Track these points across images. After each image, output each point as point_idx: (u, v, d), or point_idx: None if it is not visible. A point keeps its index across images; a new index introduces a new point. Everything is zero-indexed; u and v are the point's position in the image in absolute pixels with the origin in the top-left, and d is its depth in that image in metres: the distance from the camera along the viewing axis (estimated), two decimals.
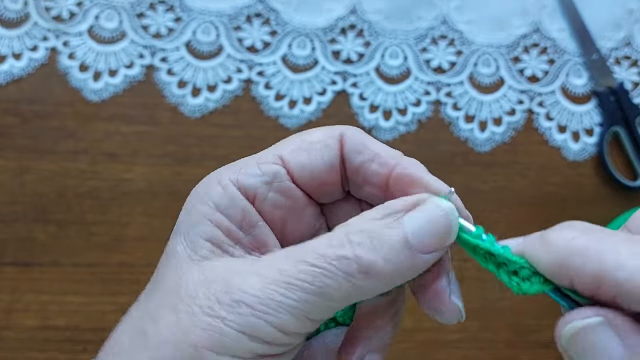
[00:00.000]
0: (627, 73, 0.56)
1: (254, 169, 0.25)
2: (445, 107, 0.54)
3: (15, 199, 0.50)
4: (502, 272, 0.24)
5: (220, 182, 0.25)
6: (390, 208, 0.23)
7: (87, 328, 0.49)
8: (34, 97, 0.51)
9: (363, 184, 0.26)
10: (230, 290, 0.22)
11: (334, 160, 0.25)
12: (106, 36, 0.53)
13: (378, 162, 0.25)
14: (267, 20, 0.54)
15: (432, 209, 0.23)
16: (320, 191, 0.26)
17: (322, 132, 0.26)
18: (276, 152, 0.25)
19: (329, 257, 0.22)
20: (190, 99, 0.52)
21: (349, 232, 0.23)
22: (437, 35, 0.55)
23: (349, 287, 0.22)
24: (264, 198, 0.25)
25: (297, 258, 0.22)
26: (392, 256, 0.22)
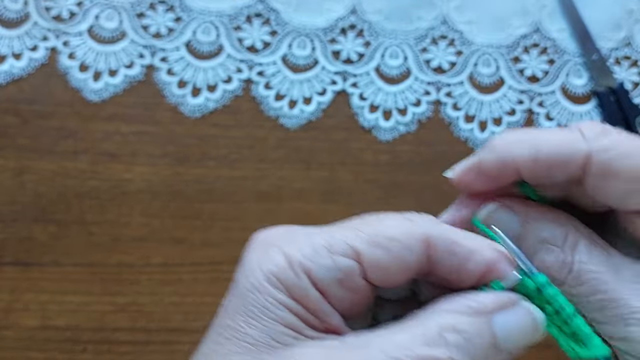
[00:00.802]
0: (627, 73, 0.56)
1: (327, 260, 0.23)
2: (445, 107, 0.54)
3: (15, 198, 0.50)
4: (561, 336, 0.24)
5: (292, 266, 0.23)
6: (480, 304, 0.23)
7: (87, 328, 0.49)
8: (33, 97, 0.51)
9: (454, 281, 0.25)
10: None
11: (413, 264, 0.24)
12: (106, 36, 0.53)
13: (475, 260, 0.24)
14: (267, 20, 0.54)
15: (524, 315, 0.23)
16: (387, 284, 0.24)
17: (402, 227, 0.24)
18: (350, 241, 0.23)
19: (427, 357, 0.22)
20: (191, 99, 0.52)
21: (442, 329, 0.22)
22: (437, 36, 0.55)
23: None
24: (334, 294, 0.24)
25: (394, 355, 0.22)
26: (480, 357, 0.22)
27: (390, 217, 0.25)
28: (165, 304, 0.49)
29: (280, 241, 0.24)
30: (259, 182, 0.52)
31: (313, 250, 0.23)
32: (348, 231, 0.24)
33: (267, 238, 0.25)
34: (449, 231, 0.24)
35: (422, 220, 0.25)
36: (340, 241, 0.23)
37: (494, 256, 0.24)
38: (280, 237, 0.24)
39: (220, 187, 0.51)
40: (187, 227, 0.50)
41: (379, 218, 0.25)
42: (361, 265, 0.23)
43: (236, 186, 0.51)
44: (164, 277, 0.50)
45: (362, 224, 0.24)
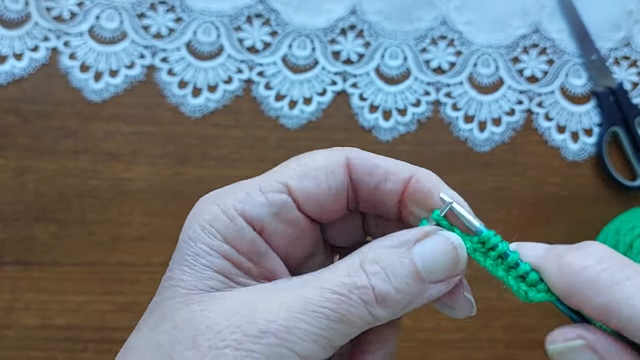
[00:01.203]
0: (626, 73, 0.56)
1: (260, 198, 0.24)
2: (445, 107, 0.54)
3: (16, 198, 0.50)
4: (510, 277, 0.24)
5: (226, 211, 0.24)
6: (401, 238, 0.24)
7: (87, 327, 0.49)
8: (34, 97, 0.52)
9: (378, 203, 0.26)
10: (256, 320, 0.22)
11: (341, 186, 0.25)
12: (107, 36, 0.53)
13: (392, 180, 0.25)
14: (267, 21, 0.54)
15: (441, 241, 0.24)
16: (324, 215, 0.26)
17: (325, 156, 0.25)
18: (280, 179, 0.25)
19: (348, 285, 0.22)
20: (191, 99, 0.53)
21: (363, 261, 0.23)
22: (437, 36, 0.56)
23: (367, 315, 0.23)
24: (271, 229, 0.25)
25: (319, 286, 0.23)
26: (404, 287, 0.23)
27: (314, 151, 0.26)
28: None
29: (216, 195, 0.25)
30: None
31: (246, 193, 0.25)
32: (278, 171, 0.25)
33: (205, 197, 0.26)
34: (369, 154, 0.26)
35: (345, 148, 0.26)
36: (271, 180, 0.25)
37: (411, 174, 0.25)
38: (216, 193, 0.26)
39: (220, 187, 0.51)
40: None
41: (304, 155, 0.26)
42: (293, 198, 0.25)
43: None
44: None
45: (291, 162, 0.26)
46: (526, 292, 0.24)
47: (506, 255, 0.24)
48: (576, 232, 0.53)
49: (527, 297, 0.24)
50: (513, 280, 0.24)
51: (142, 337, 0.23)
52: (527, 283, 0.24)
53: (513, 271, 0.24)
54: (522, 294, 0.24)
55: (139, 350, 0.23)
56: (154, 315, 0.24)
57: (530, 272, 0.24)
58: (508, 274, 0.24)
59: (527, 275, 0.24)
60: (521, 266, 0.24)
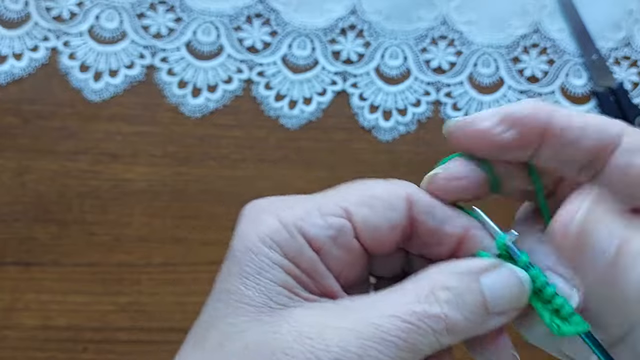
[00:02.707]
0: (626, 73, 0.56)
1: (319, 219, 0.24)
2: (445, 108, 0.54)
3: (16, 199, 0.50)
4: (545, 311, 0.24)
5: (286, 226, 0.24)
6: (469, 266, 0.24)
7: (87, 328, 0.49)
8: (34, 97, 0.51)
9: (435, 245, 0.26)
10: (330, 348, 0.22)
11: (398, 222, 0.25)
12: (107, 36, 0.53)
13: (452, 224, 0.25)
14: (267, 21, 0.54)
15: (509, 274, 0.24)
16: (377, 247, 0.26)
17: (386, 188, 0.25)
18: (340, 202, 0.25)
19: (420, 314, 0.22)
20: (191, 99, 0.53)
21: (434, 287, 0.23)
22: (437, 36, 0.55)
23: (434, 342, 0.23)
24: (327, 252, 0.24)
25: (389, 313, 0.22)
26: (472, 316, 0.23)
27: (375, 181, 0.26)
28: (166, 304, 0.49)
29: (273, 207, 0.25)
30: (259, 182, 0.52)
31: (305, 212, 0.24)
32: (337, 194, 0.25)
33: (260, 206, 0.25)
34: (429, 195, 0.26)
35: (405, 183, 0.26)
36: (331, 203, 0.25)
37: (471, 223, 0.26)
38: (273, 204, 0.25)
39: (220, 187, 0.51)
40: (187, 227, 0.51)
41: (364, 182, 0.26)
42: (352, 223, 0.25)
43: (236, 186, 0.52)
44: (165, 276, 0.50)
45: (349, 188, 0.26)
46: (559, 326, 0.24)
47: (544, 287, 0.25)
48: None
49: (560, 330, 0.24)
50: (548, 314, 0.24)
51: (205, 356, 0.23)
52: (561, 317, 0.24)
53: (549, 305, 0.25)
54: (555, 328, 0.24)
55: None
56: (215, 332, 0.23)
57: (564, 305, 0.24)
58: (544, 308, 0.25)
59: (562, 308, 0.24)
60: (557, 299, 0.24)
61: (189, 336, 0.24)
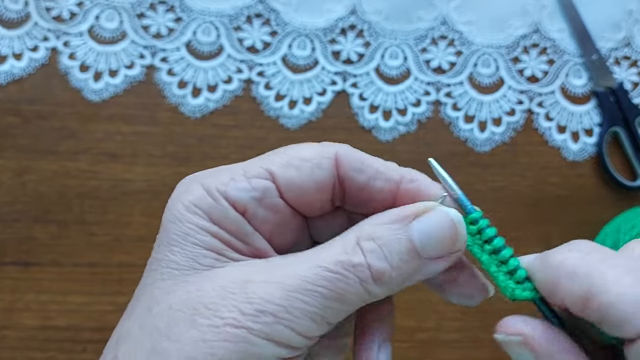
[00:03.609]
0: (626, 73, 0.56)
1: (243, 183, 0.24)
2: (445, 108, 0.54)
3: (16, 199, 0.50)
4: (500, 274, 0.24)
5: (209, 192, 0.24)
6: (399, 214, 0.24)
7: (87, 328, 0.49)
8: (34, 97, 0.51)
9: (367, 202, 0.26)
10: (252, 299, 0.22)
11: (326, 180, 0.25)
12: (107, 36, 0.53)
13: (382, 178, 0.25)
14: (267, 21, 0.54)
15: (439, 216, 0.24)
16: (307, 207, 0.26)
17: (314, 149, 0.25)
18: (265, 165, 0.25)
19: (344, 262, 0.22)
20: (191, 99, 0.53)
21: (360, 237, 0.23)
22: (437, 36, 0.55)
23: (363, 292, 0.23)
24: (253, 213, 0.25)
25: (314, 264, 0.23)
26: (401, 264, 0.23)
27: (303, 144, 0.26)
28: None
29: (200, 177, 0.25)
30: None
31: (230, 177, 0.25)
32: (263, 158, 0.25)
33: (189, 178, 0.26)
34: (359, 152, 0.26)
35: (336, 144, 0.26)
36: (256, 166, 0.25)
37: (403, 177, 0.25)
38: (200, 174, 0.26)
39: None
40: None
41: (293, 146, 0.26)
42: (276, 185, 0.25)
43: None
44: None
45: (277, 151, 0.26)
46: (513, 289, 0.24)
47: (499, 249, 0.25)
48: (576, 232, 0.53)
49: (513, 294, 0.24)
50: (502, 276, 0.24)
51: (135, 321, 0.23)
52: (515, 280, 0.24)
53: (504, 267, 0.24)
54: (509, 291, 0.24)
55: (135, 336, 0.23)
56: (144, 298, 0.24)
57: (519, 269, 0.24)
58: (499, 269, 0.25)
59: (516, 272, 0.24)
60: (511, 262, 0.24)
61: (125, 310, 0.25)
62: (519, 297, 0.24)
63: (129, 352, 0.22)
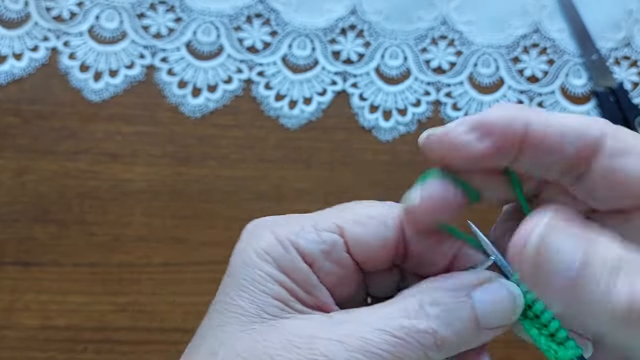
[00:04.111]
0: (626, 73, 0.56)
1: (313, 234, 0.25)
2: (445, 108, 0.54)
3: (16, 199, 0.50)
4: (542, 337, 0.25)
5: (280, 241, 0.25)
6: (460, 281, 0.24)
7: (87, 328, 0.49)
8: (34, 97, 0.51)
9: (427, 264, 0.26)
10: (316, 357, 0.22)
11: (390, 240, 0.25)
12: (107, 36, 0.53)
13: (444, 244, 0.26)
14: (267, 21, 0.54)
15: (500, 290, 0.24)
16: (369, 263, 0.26)
17: (381, 208, 0.26)
18: (334, 220, 0.26)
19: (408, 329, 0.23)
20: (191, 99, 0.53)
21: (423, 302, 0.23)
22: (437, 36, 0.55)
23: (423, 357, 0.23)
24: (320, 266, 0.25)
25: (377, 327, 0.23)
26: (462, 331, 0.23)
27: (371, 202, 0.27)
28: (166, 304, 0.49)
29: (270, 223, 0.26)
30: (259, 182, 0.52)
31: (300, 227, 0.25)
32: (333, 212, 0.26)
33: (259, 224, 0.26)
34: None
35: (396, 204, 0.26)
36: (326, 219, 0.26)
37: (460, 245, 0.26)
38: (271, 221, 0.26)
39: (220, 187, 0.51)
40: (187, 227, 0.51)
41: (361, 202, 0.27)
42: (344, 239, 0.25)
43: (236, 186, 0.51)
44: (165, 276, 0.50)
45: (345, 206, 0.26)
46: (556, 351, 0.24)
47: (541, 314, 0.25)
48: None
49: (557, 356, 0.24)
50: (544, 339, 0.25)
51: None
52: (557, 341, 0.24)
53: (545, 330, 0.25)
54: (552, 353, 0.24)
55: None
56: (210, 340, 0.24)
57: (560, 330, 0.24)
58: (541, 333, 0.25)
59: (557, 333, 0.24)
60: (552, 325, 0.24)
61: (188, 347, 0.25)
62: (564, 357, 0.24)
63: None
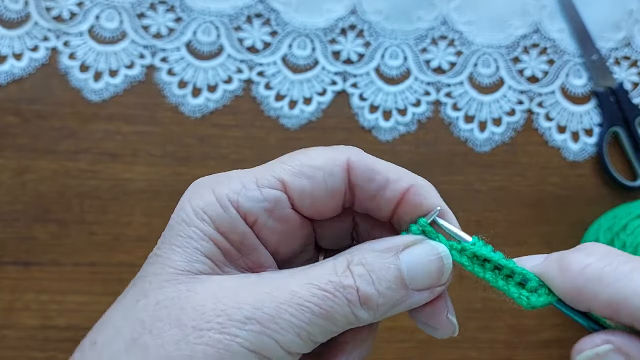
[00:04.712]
0: (626, 73, 0.56)
1: (255, 192, 0.25)
2: (445, 108, 0.54)
3: (16, 198, 0.50)
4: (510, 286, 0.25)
5: (220, 200, 0.24)
6: (390, 243, 0.24)
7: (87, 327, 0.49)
8: (34, 97, 0.51)
9: (373, 208, 0.26)
10: (242, 306, 0.22)
11: (338, 188, 0.25)
12: (107, 36, 0.53)
13: (391, 188, 0.25)
14: (267, 21, 0.54)
15: (428, 250, 0.25)
16: (317, 213, 0.26)
17: (325, 156, 0.25)
18: (277, 174, 0.25)
19: (335, 283, 0.23)
20: (191, 99, 0.53)
21: (351, 261, 0.24)
22: (437, 36, 0.55)
23: (350, 314, 0.23)
24: (263, 224, 0.25)
25: (307, 281, 0.23)
26: (388, 291, 0.24)
27: (315, 148, 0.26)
28: None
29: (212, 182, 0.25)
30: None
31: (241, 185, 0.25)
32: (275, 165, 0.26)
33: (201, 181, 0.26)
34: (371, 159, 0.26)
35: (347, 148, 0.26)
36: (268, 175, 0.25)
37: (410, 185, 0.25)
38: (212, 179, 0.26)
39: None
40: None
41: (304, 151, 0.26)
42: (288, 195, 0.25)
43: None
44: None
45: (289, 157, 0.26)
46: (528, 297, 0.24)
47: (500, 265, 0.25)
48: (576, 232, 0.53)
49: (530, 302, 0.24)
50: (514, 288, 0.24)
51: (121, 311, 0.23)
52: (528, 289, 0.24)
53: (511, 279, 0.25)
54: (525, 300, 0.24)
55: (117, 325, 0.23)
56: (134, 290, 0.24)
57: (528, 278, 0.24)
58: (507, 283, 0.25)
59: (527, 282, 0.24)
60: (518, 273, 0.24)
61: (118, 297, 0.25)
62: (537, 303, 0.24)
63: (108, 340, 0.23)
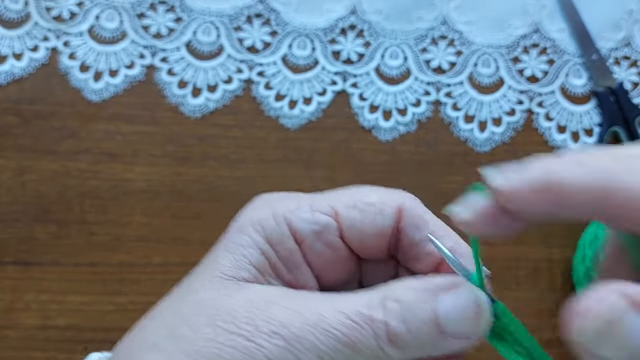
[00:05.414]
0: (626, 73, 0.56)
1: (307, 214, 0.26)
2: (445, 107, 0.54)
3: (16, 198, 0.50)
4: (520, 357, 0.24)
5: (275, 215, 0.26)
6: (429, 283, 0.24)
7: (87, 328, 0.49)
8: (34, 97, 0.51)
9: (414, 260, 0.26)
10: (271, 320, 0.23)
11: (386, 229, 0.26)
12: (107, 36, 0.53)
13: None
14: (267, 21, 0.54)
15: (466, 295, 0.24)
16: (363, 250, 0.27)
17: (380, 195, 0.26)
18: (331, 202, 0.26)
19: (365, 316, 0.23)
20: (191, 99, 0.53)
21: (385, 297, 0.24)
22: (437, 36, 0.55)
23: (377, 348, 0.23)
24: (310, 246, 0.26)
25: (337, 308, 0.23)
26: (419, 332, 0.23)
27: (372, 187, 0.27)
28: None
29: (273, 198, 0.27)
30: (259, 182, 0.52)
31: (297, 205, 0.26)
32: (332, 195, 0.27)
33: (263, 198, 0.27)
34: (423, 209, 0.26)
35: (402, 192, 0.27)
36: (323, 201, 0.26)
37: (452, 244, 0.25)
38: (274, 196, 0.27)
39: (220, 187, 0.51)
40: (187, 227, 0.51)
41: (362, 187, 0.27)
42: (338, 224, 0.26)
43: (236, 186, 0.52)
44: (165, 276, 0.50)
45: (346, 190, 0.27)
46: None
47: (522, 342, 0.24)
48: (575, 231, 0.53)
49: None
50: None
51: (168, 304, 0.26)
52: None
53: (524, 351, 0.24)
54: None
55: (163, 314, 0.25)
56: (184, 287, 0.26)
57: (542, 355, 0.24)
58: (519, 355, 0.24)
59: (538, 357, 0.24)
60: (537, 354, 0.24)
61: None
62: None
63: (154, 327, 0.25)
